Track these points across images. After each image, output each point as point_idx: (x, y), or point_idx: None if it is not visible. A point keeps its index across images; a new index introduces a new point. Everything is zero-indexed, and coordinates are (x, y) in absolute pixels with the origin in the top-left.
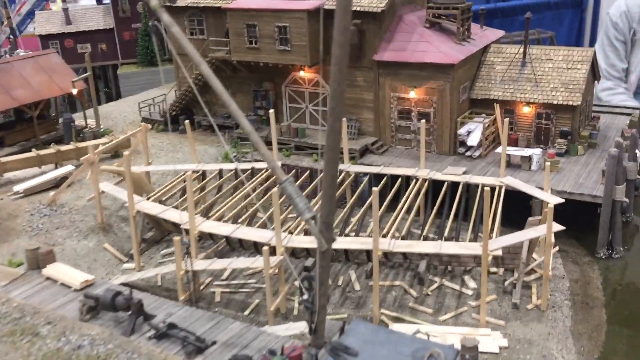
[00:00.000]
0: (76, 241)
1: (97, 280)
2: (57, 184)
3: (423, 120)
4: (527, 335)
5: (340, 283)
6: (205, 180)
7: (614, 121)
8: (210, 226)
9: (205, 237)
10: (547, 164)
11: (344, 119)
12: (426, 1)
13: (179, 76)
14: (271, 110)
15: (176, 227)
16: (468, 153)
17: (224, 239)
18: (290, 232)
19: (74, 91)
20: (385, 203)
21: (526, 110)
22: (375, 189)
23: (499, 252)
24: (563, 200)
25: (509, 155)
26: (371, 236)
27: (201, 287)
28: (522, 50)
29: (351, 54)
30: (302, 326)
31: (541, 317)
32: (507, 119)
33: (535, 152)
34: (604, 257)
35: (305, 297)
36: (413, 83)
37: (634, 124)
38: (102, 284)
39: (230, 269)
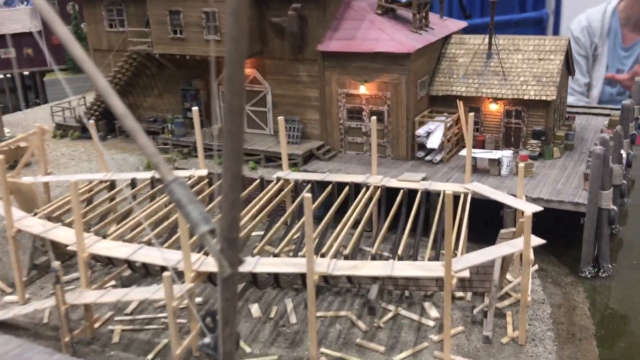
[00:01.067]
0: None
1: None
2: None
3: (374, 117)
4: None
5: (273, 315)
6: (114, 191)
7: (590, 122)
8: (105, 247)
9: (102, 261)
10: (521, 165)
11: (282, 117)
12: None
13: None
14: (194, 108)
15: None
16: (428, 157)
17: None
18: (206, 254)
19: None
20: (329, 215)
21: (493, 107)
22: (308, 195)
23: (466, 273)
24: (541, 209)
25: (474, 158)
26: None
27: (97, 325)
28: (487, 40)
29: (292, 45)
30: None
31: (519, 354)
32: (471, 114)
33: (505, 154)
34: (589, 276)
35: (206, 340)
36: (363, 77)
37: (613, 123)
38: None
39: (134, 301)
